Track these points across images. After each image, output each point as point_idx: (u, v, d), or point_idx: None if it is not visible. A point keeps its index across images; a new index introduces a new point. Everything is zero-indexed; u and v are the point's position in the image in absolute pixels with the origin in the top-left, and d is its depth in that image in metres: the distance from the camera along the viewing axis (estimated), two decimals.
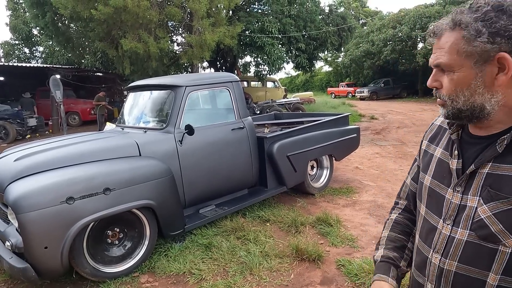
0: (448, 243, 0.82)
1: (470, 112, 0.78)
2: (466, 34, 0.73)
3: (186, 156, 3.34)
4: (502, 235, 0.73)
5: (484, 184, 0.77)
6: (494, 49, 0.71)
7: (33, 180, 2.52)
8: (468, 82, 0.76)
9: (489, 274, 0.76)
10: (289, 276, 2.77)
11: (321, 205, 4.33)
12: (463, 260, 0.79)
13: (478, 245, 0.77)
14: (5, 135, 10.80)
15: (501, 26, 0.70)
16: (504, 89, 0.74)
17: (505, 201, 0.73)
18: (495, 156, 0.76)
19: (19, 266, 2.40)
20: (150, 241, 3.00)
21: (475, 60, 0.74)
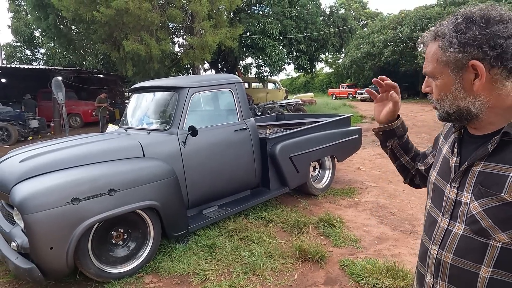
0: (445, 235, 0.87)
1: (458, 115, 0.84)
2: (441, 44, 0.81)
3: (190, 157, 3.36)
4: (492, 230, 0.77)
5: (476, 182, 0.82)
6: (465, 57, 0.77)
7: (38, 181, 2.54)
8: (449, 88, 0.82)
9: (481, 267, 0.79)
10: (293, 277, 2.78)
11: (324, 206, 4.34)
12: (458, 253, 0.84)
13: (471, 239, 0.81)
14: (7, 137, 10.82)
15: (471, 36, 0.76)
16: (487, 92, 0.79)
17: (493, 198, 0.77)
18: (487, 155, 0.81)
19: (25, 267, 2.42)
20: (154, 241, 3.02)
21: (451, 68, 0.80)
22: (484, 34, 0.75)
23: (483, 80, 0.77)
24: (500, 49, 0.75)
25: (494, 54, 0.75)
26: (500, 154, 0.79)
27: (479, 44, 0.76)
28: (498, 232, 0.76)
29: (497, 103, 0.80)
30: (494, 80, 0.78)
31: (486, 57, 0.76)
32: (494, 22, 0.76)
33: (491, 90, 0.79)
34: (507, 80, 0.78)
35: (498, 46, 0.75)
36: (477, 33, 0.76)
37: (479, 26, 0.76)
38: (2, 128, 10.82)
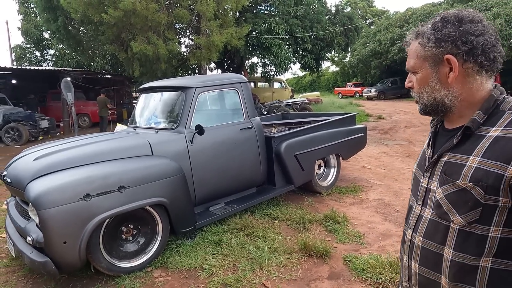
0: (418, 220, 0.96)
1: (434, 107, 0.92)
2: (421, 41, 0.89)
3: (197, 155, 3.44)
4: (450, 213, 0.86)
5: (441, 171, 0.90)
6: (441, 52, 0.86)
7: (52, 178, 2.64)
8: (427, 80, 0.91)
9: (444, 248, 0.87)
10: (298, 271, 2.85)
11: (329, 204, 4.40)
12: (426, 235, 0.92)
13: (436, 223, 0.90)
14: (18, 137, 11.05)
15: (446, 33, 0.84)
16: (459, 86, 0.87)
17: (452, 184, 0.86)
18: (452, 147, 0.89)
19: (40, 260, 2.52)
20: (163, 237, 3.11)
21: (430, 62, 0.89)
22: (458, 31, 0.84)
23: (456, 73, 0.86)
24: (471, 45, 0.83)
25: (466, 49, 0.84)
26: (462, 146, 0.87)
27: (453, 40, 0.84)
28: (456, 216, 0.85)
29: (468, 96, 0.88)
30: (466, 74, 0.86)
31: (459, 52, 0.84)
32: (466, 21, 0.84)
33: (464, 84, 0.87)
34: (477, 74, 0.86)
35: (469, 42, 0.83)
36: (452, 30, 0.85)
37: (453, 24, 0.85)
38: (13, 128, 11.05)
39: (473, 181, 0.82)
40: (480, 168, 0.81)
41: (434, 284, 0.91)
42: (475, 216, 0.82)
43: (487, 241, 0.82)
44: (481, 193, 0.80)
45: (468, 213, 0.83)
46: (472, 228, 0.83)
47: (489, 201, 0.80)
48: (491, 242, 0.81)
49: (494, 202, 0.80)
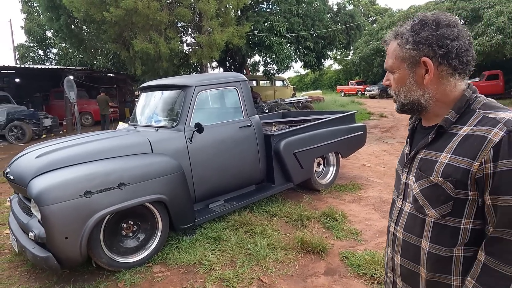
0: (399, 214, 1.01)
1: (410, 106, 0.96)
2: (399, 42, 0.93)
3: (196, 153, 3.49)
4: (425, 207, 0.90)
5: (417, 167, 0.95)
6: (418, 54, 0.90)
7: (54, 175, 2.70)
8: (404, 81, 0.94)
9: (421, 241, 0.92)
10: (294, 267, 2.89)
11: (327, 201, 4.44)
12: (406, 228, 0.97)
13: (414, 216, 0.94)
14: (22, 135, 11.16)
15: (423, 36, 0.88)
16: (434, 87, 0.91)
17: (426, 180, 0.90)
18: (427, 144, 0.94)
19: (42, 255, 2.58)
20: (162, 233, 3.16)
21: (407, 63, 0.93)
22: (434, 35, 0.88)
23: (431, 75, 0.90)
24: (446, 49, 0.87)
25: (441, 52, 0.88)
26: (436, 143, 0.92)
27: (430, 43, 0.88)
28: (430, 209, 0.90)
29: (442, 97, 0.93)
30: (441, 76, 0.90)
31: (435, 55, 0.88)
32: (443, 25, 0.88)
33: (438, 85, 0.92)
34: (451, 76, 0.91)
35: (445, 46, 0.87)
36: (429, 33, 0.88)
37: (431, 28, 0.88)
38: (17, 127, 11.16)
39: (444, 177, 0.86)
40: (450, 164, 0.86)
41: (414, 275, 0.96)
42: (447, 210, 0.87)
43: (460, 233, 0.86)
44: (452, 187, 0.85)
45: (441, 206, 0.88)
46: (446, 220, 0.88)
47: (459, 195, 0.85)
48: (464, 234, 0.86)
49: (464, 196, 0.85)
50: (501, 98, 16.74)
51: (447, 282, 0.89)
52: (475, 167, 0.82)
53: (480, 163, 0.81)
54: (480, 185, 0.82)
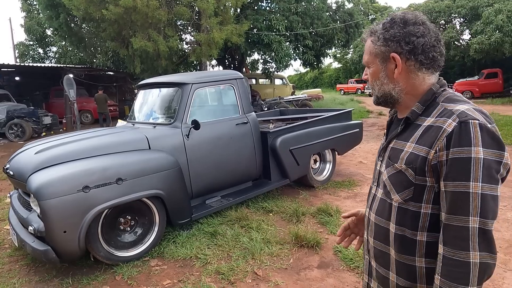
0: (373, 200, 1.08)
1: (384, 98, 1.03)
2: (372, 39, 1.00)
3: (193, 149, 3.55)
4: (392, 192, 0.98)
5: (387, 155, 1.02)
6: (388, 50, 0.96)
7: (52, 170, 2.76)
8: (378, 75, 1.02)
9: (390, 223, 0.99)
10: (289, 261, 2.95)
11: (323, 197, 4.50)
12: (378, 212, 1.04)
13: (384, 201, 1.02)
14: (22, 133, 11.21)
15: (392, 33, 0.95)
16: (404, 80, 0.98)
17: (392, 167, 0.98)
18: (397, 134, 1.01)
19: (41, 249, 2.64)
20: (159, 228, 3.22)
21: (379, 59, 1.00)
22: (402, 32, 0.95)
23: (400, 69, 0.97)
24: (412, 45, 0.94)
25: (408, 48, 0.94)
26: (404, 133, 0.99)
27: (398, 40, 0.95)
28: (395, 194, 0.97)
29: (412, 90, 0.99)
30: (409, 71, 0.97)
31: (402, 50, 0.95)
32: (410, 23, 0.95)
33: (408, 79, 0.98)
34: (419, 71, 0.97)
35: (411, 42, 0.94)
36: (397, 31, 0.95)
37: (399, 26, 0.95)
38: (17, 125, 11.21)
39: (406, 164, 0.94)
40: (412, 153, 0.93)
41: (385, 256, 1.02)
42: (409, 195, 0.94)
43: (420, 217, 0.93)
44: (412, 174, 0.92)
45: (404, 191, 0.95)
46: (408, 205, 0.94)
47: (419, 181, 0.92)
48: (424, 218, 0.93)
49: (423, 182, 0.91)
50: (500, 96, 16.78)
51: (412, 263, 0.95)
52: (431, 154, 0.88)
53: (435, 151, 0.88)
54: (435, 172, 0.89)
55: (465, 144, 0.83)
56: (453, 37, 19.72)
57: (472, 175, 0.83)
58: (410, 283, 0.97)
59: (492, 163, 0.83)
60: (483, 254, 0.82)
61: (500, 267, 2.70)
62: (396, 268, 0.99)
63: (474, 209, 0.83)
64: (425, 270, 0.94)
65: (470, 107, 0.90)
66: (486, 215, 0.83)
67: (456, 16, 20.46)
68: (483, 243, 0.83)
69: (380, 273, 1.06)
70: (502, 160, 0.85)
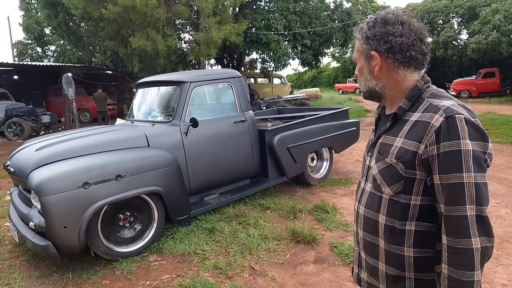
0: (362, 194, 1.13)
1: (369, 93, 1.09)
2: (358, 37, 1.05)
3: (191, 147, 3.59)
4: (382, 185, 1.02)
5: (377, 150, 1.06)
6: (369, 48, 1.02)
7: (53, 167, 2.80)
8: (363, 71, 1.07)
9: (379, 215, 1.04)
10: (285, 256, 3.01)
11: (320, 195, 4.55)
12: (367, 205, 1.09)
13: (373, 194, 1.06)
14: (21, 132, 11.23)
15: (373, 33, 1.00)
16: (386, 77, 1.03)
17: (382, 161, 1.02)
18: (386, 130, 1.06)
19: (42, 244, 2.69)
20: (158, 224, 3.27)
21: (364, 56, 1.05)
22: (381, 32, 1.00)
23: (379, 67, 1.02)
24: (390, 44, 0.99)
25: (385, 47, 1.00)
26: (393, 129, 1.04)
27: (377, 39, 1.00)
28: (386, 187, 1.01)
29: (395, 86, 1.04)
30: (390, 68, 1.02)
31: (381, 49, 1.00)
32: (389, 23, 1.00)
33: (389, 76, 1.03)
34: (398, 69, 1.02)
35: (389, 41, 0.99)
36: (377, 30, 1.00)
37: (379, 25, 1.01)
38: (16, 123, 11.23)
39: (396, 158, 0.98)
40: (402, 147, 0.98)
41: (374, 246, 1.07)
42: (399, 188, 0.99)
43: (410, 208, 0.98)
44: (403, 168, 0.97)
45: (394, 184, 0.99)
46: (398, 197, 0.99)
47: (409, 175, 0.97)
48: (413, 209, 0.98)
49: (412, 176, 0.96)
50: (498, 95, 16.87)
51: (400, 253, 1.00)
52: (421, 149, 0.93)
53: (425, 146, 0.92)
54: (426, 166, 0.93)
55: (454, 138, 0.88)
56: (451, 36, 19.81)
57: (464, 166, 0.87)
58: (399, 271, 1.01)
59: (480, 153, 0.89)
60: (482, 239, 0.87)
61: (492, 262, 2.75)
62: (385, 258, 1.04)
63: (470, 198, 0.87)
64: (412, 259, 0.99)
65: (455, 102, 0.95)
66: (481, 202, 0.88)
67: (453, 16, 20.55)
68: (481, 229, 0.88)
69: (370, 263, 1.11)
70: (486, 151, 0.90)
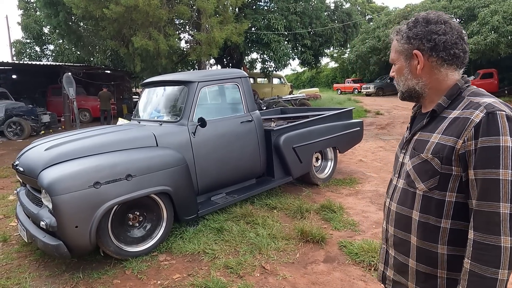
0: (394, 190, 1.14)
1: (408, 93, 1.10)
2: (398, 38, 1.08)
3: (199, 146, 3.60)
4: (416, 181, 1.03)
5: (412, 147, 1.08)
6: (411, 47, 1.04)
7: (64, 166, 2.80)
8: (402, 71, 1.09)
9: (413, 211, 1.05)
10: (295, 255, 3.02)
11: (326, 194, 4.57)
12: (399, 201, 1.10)
13: (406, 190, 1.07)
14: (21, 131, 11.18)
15: (415, 32, 1.02)
16: (427, 76, 1.05)
17: (417, 157, 1.03)
18: (422, 127, 1.07)
19: (53, 243, 2.69)
20: (167, 223, 3.27)
21: (404, 56, 1.07)
22: (424, 31, 1.02)
23: (421, 65, 1.04)
24: (433, 42, 1.01)
25: (429, 45, 1.02)
26: (429, 126, 1.05)
27: (420, 38, 1.02)
28: (420, 183, 1.02)
29: (436, 85, 1.06)
30: (432, 66, 1.04)
31: (424, 48, 1.02)
32: (431, 22, 1.02)
33: (431, 74, 1.05)
34: (441, 67, 1.04)
35: (432, 40, 1.01)
36: (419, 30, 1.02)
37: (421, 25, 1.03)
38: (16, 123, 11.18)
39: (433, 154, 0.99)
40: (439, 143, 0.99)
41: (405, 243, 1.08)
42: (434, 183, 0.99)
43: (444, 205, 0.99)
44: (439, 163, 0.98)
45: (429, 180, 1.00)
46: (432, 193, 1.00)
47: (445, 170, 0.98)
48: (448, 206, 0.98)
49: (448, 171, 0.97)
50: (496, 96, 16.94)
51: (433, 250, 1.01)
52: (459, 144, 0.94)
53: (463, 141, 0.93)
54: (462, 161, 0.94)
55: (493, 134, 0.89)
56: None
57: (501, 163, 0.88)
58: (431, 268, 1.02)
59: None
60: None
61: None
62: (417, 255, 1.05)
63: (505, 195, 0.87)
64: (446, 256, 0.99)
65: (496, 100, 0.97)
66: None
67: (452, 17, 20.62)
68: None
69: (399, 261, 1.12)
70: None
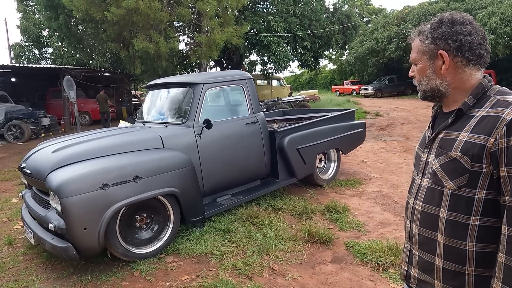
0: (418, 189, 1.15)
1: (431, 93, 1.11)
2: (421, 38, 1.09)
3: (205, 148, 3.61)
4: (444, 180, 1.04)
5: (437, 146, 1.09)
6: (436, 48, 1.05)
7: (72, 168, 2.80)
8: (425, 71, 1.10)
9: (440, 210, 1.06)
10: (302, 256, 3.03)
11: (330, 195, 4.58)
12: (425, 200, 1.11)
13: (432, 189, 1.08)
14: (21, 134, 11.16)
15: (440, 32, 1.04)
16: (451, 76, 1.07)
17: (445, 155, 1.04)
18: (447, 126, 1.08)
19: (62, 246, 2.69)
20: (174, 225, 3.27)
21: (427, 56, 1.08)
22: (449, 31, 1.03)
23: (447, 65, 1.05)
24: (459, 43, 1.02)
25: (455, 46, 1.03)
26: (455, 124, 1.06)
27: (445, 38, 1.04)
28: (448, 181, 1.03)
29: (460, 84, 1.07)
30: (456, 67, 1.05)
31: (450, 48, 1.04)
32: (457, 23, 1.04)
33: (455, 74, 1.07)
34: (466, 67, 1.05)
35: (458, 40, 1.02)
36: (445, 30, 1.04)
37: (447, 25, 1.04)
38: (16, 126, 11.16)
39: (462, 152, 1.00)
40: (468, 141, 1.00)
41: (431, 242, 1.09)
42: (463, 181, 1.00)
43: (474, 202, 0.99)
44: (468, 161, 0.99)
45: (458, 178, 1.01)
46: (461, 191, 1.01)
47: (475, 168, 0.98)
48: (477, 203, 0.99)
49: (478, 169, 0.98)
50: None
51: (462, 247, 1.01)
52: (490, 142, 0.95)
53: (495, 139, 0.94)
54: (494, 159, 0.95)
55: None
56: None
57: None
58: (459, 266, 1.02)
59: None
60: None
61: None
62: (444, 253, 1.05)
63: None
64: (475, 253, 1.00)
65: None
66: None
67: None
68: None
69: (424, 259, 1.12)
70: None
